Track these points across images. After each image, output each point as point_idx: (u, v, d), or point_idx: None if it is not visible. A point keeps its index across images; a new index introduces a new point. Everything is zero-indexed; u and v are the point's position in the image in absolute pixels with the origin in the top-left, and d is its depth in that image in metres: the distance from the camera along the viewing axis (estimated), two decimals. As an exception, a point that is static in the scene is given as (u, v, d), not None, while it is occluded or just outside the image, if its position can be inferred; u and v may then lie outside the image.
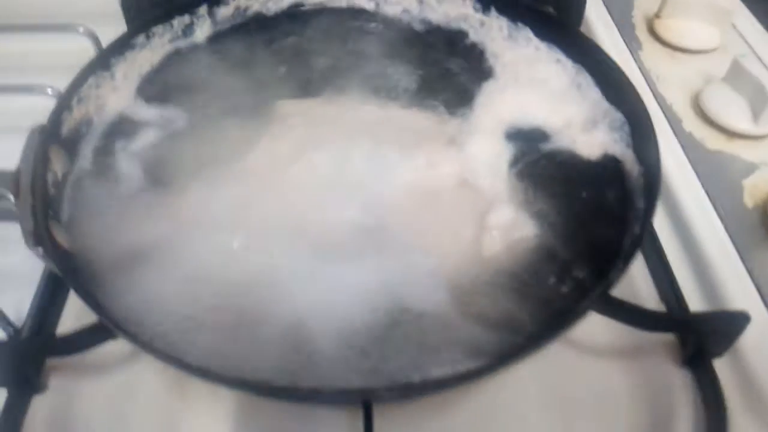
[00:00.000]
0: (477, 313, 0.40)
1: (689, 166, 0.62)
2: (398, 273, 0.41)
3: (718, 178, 0.62)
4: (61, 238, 0.40)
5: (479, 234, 0.43)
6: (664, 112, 0.68)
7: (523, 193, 0.46)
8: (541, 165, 0.48)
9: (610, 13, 0.80)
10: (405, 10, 0.61)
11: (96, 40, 0.64)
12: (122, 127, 0.50)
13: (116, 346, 0.40)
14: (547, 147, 0.49)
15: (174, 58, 0.55)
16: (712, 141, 0.65)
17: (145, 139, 0.49)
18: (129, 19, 0.66)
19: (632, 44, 0.76)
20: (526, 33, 0.57)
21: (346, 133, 0.50)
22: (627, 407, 0.44)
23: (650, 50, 0.76)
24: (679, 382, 0.47)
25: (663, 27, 0.76)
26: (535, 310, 0.41)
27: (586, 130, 0.50)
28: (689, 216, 0.58)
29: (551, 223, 0.44)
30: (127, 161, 0.47)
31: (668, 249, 0.55)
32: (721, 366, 0.47)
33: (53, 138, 0.45)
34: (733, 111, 0.66)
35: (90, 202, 0.45)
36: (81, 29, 0.66)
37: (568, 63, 0.54)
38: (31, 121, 0.44)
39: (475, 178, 0.46)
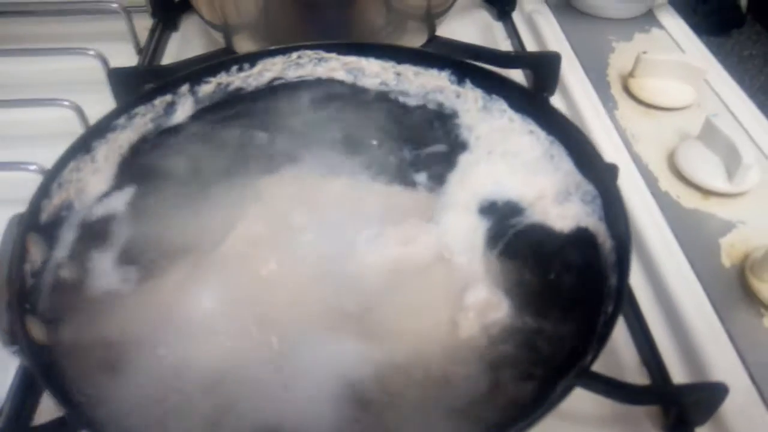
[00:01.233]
0: (454, 399, 0.40)
1: (666, 226, 0.63)
2: (373, 360, 0.41)
3: (695, 238, 0.63)
4: (37, 332, 0.41)
5: (456, 314, 0.43)
6: (640, 172, 0.69)
7: (498, 270, 0.46)
8: (515, 240, 0.49)
9: (585, 73, 0.82)
10: (383, 83, 0.62)
11: (80, 112, 0.66)
12: (100, 214, 0.51)
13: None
14: (520, 221, 0.50)
15: (154, 137, 0.56)
16: (688, 199, 0.66)
17: (122, 226, 0.50)
18: (116, 94, 0.67)
19: (608, 103, 0.78)
20: (501, 104, 0.58)
21: (323, 211, 0.51)
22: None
23: (626, 109, 0.77)
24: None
25: (637, 86, 0.78)
26: (516, 392, 0.41)
27: (559, 202, 0.50)
28: (667, 276, 0.58)
29: (526, 301, 0.44)
30: (104, 250, 0.48)
31: (647, 311, 0.55)
32: (703, 434, 0.47)
33: (32, 226, 0.46)
34: (708, 169, 0.67)
35: (67, 294, 0.45)
36: (66, 102, 0.68)
37: (542, 134, 0.55)
38: (12, 197, 0.45)
39: (451, 254, 0.47)
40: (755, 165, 0.65)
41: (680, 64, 0.76)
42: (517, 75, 0.78)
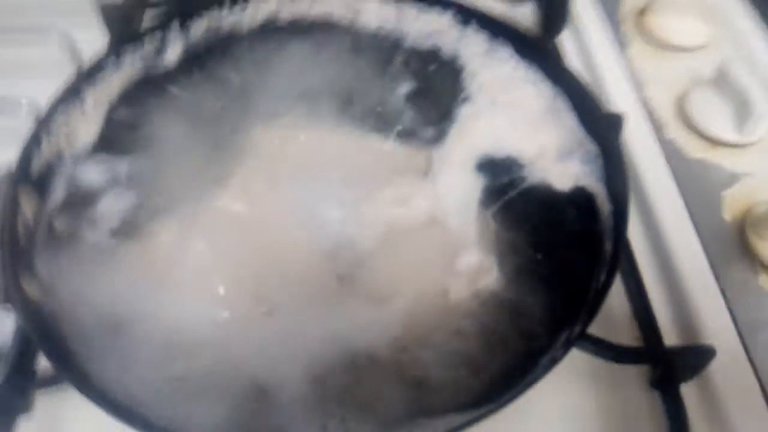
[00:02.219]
0: (451, 362, 0.40)
1: (669, 176, 0.62)
2: (364, 320, 0.41)
3: (698, 189, 0.62)
4: (33, 290, 0.41)
5: (447, 279, 0.43)
6: (647, 117, 0.67)
7: (492, 233, 0.46)
8: (511, 201, 0.48)
9: (598, 7, 0.78)
10: (382, 22, 0.59)
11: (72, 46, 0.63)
12: (92, 165, 0.50)
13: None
14: (519, 179, 0.49)
15: (143, 83, 0.54)
16: (695, 149, 0.65)
17: (111, 178, 0.49)
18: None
19: (620, 41, 0.74)
20: (506, 49, 0.55)
21: (317, 167, 0.50)
22: (597, 426, 0.46)
23: (638, 47, 0.74)
24: (648, 404, 0.49)
25: (651, 22, 0.75)
26: (509, 356, 0.41)
27: (559, 160, 0.49)
28: (666, 229, 0.58)
29: (519, 266, 0.44)
30: (94, 203, 0.47)
31: (643, 264, 0.55)
32: (687, 390, 0.48)
33: (23, 180, 0.45)
34: (717, 118, 0.65)
35: (60, 249, 0.45)
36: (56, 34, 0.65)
37: (547, 85, 0.53)
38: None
39: (445, 216, 0.46)
40: (765, 114, 0.63)
41: (696, 1, 0.72)
42: (527, 10, 0.74)
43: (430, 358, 0.40)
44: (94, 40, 0.60)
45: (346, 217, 0.46)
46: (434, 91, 0.55)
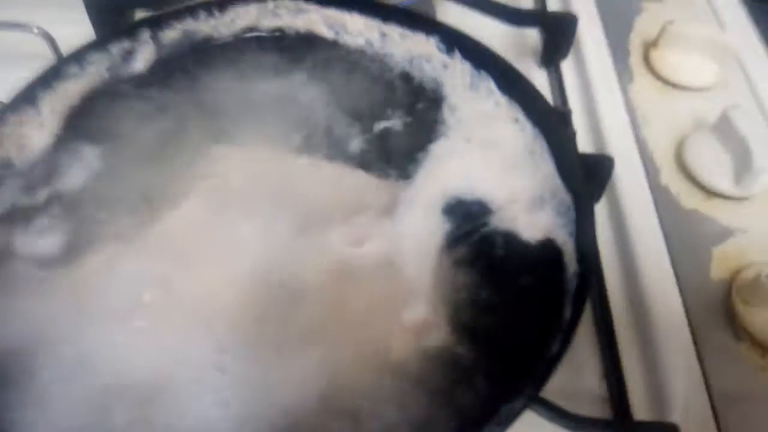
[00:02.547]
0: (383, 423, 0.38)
1: (657, 226, 0.58)
2: (290, 376, 0.39)
3: (688, 242, 0.58)
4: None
5: (391, 333, 0.40)
6: (642, 160, 0.63)
7: (447, 283, 0.43)
8: (474, 249, 0.45)
9: (606, 37, 0.74)
10: (367, 43, 0.56)
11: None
12: (38, 174, 0.47)
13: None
14: (485, 226, 0.46)
15: (107, 89, 0.52)
16: (689, 198, 0.61)
17: (59, 191, 0.47)
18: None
19: (624, 75, 0.71)
20: (488, 83, 0.52)
21: (275, 194, 0.47)
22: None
23: (642, 83, 0.71)
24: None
25: (659, 58, 0.71)
26: (453, 421, 0.38)
27: (531, 209, 0.46)
28: (648, 284, 0.55)
29: (473, 322, 0.41)
30: (34, 216, 0.45)
31: (620, 323, 0.52)
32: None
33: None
34: (715, 167, 0.61)
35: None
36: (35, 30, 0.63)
37: (527, 124, 0.50)
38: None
39: (401, 260, 0.43)
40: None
41: (708, 39, 0.69)
42: (533, 33, 0.71)
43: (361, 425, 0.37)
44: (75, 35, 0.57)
45: (295, 252, 0.43)
46: (411, 123, 0.52)
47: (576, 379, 0.51)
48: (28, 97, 0.49)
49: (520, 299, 0.42)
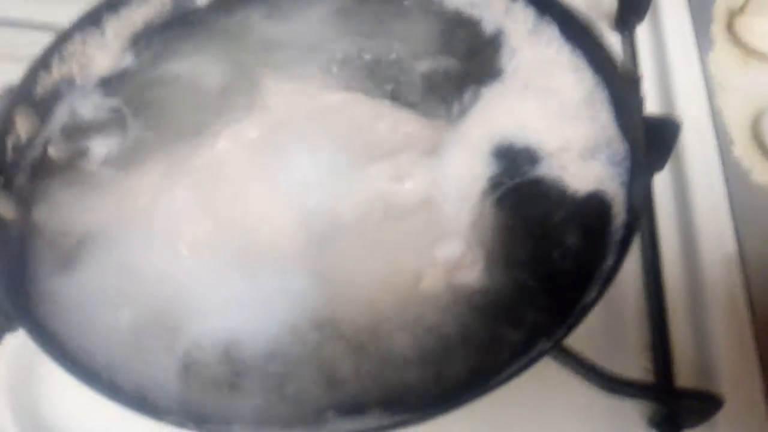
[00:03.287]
0: (403, 353, 0.37)
1: (725, 200, 0.55)
2: (327, 294, 0.39)
3: (756, 218, 0.54)
4: (4, 207, 0.41)
5: (423, 267, 0.39)
6: (715, 130, 0.59)
7: (487, 226, 0.41)
8: (517, 194, 0.43)
9: (689, 2, 0.70)
10: (428, -13, 0.55)
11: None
12: (100, 97, 0.49)
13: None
14: (531, 174, 0.44)
15: (169, 18, 0.53)
16: (762, 173, 0.57)
17: (121, 111, 0.48)
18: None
19: (704, 42, 0.67)
20: (551, 30, 0.50)
21: (323, 127, 0.47)
22: None
23: (722, 51, 0.66)
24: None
25: (744, 25, 0.66)
26: (475, 359, 0.38)
27: (583, 158, 0.44)
28: (707, 257, 0.52)
29: (507, 265, 0.40)
30: (95, 134, 0.46)
31: (673, 291, 0.49)
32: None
33: (23, 99, 0.45)
34: (795, 142, 0.57)
35: (46, 175, 0.44)
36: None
37: (588, 74, 0.48)
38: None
39: (441, 199, 0.42)
40: None
41: (801, 7, 0.63)
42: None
43: (389, 347, 0.37)
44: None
45: (335, 183, 0.43)
46: (466, 65, 0.50)
47: (621, 347, 0.48)
48: (94, 19, 0.50)
49: (561, 247, 0.41)
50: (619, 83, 0.45)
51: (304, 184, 0.43)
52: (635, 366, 0.47)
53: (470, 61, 0.50)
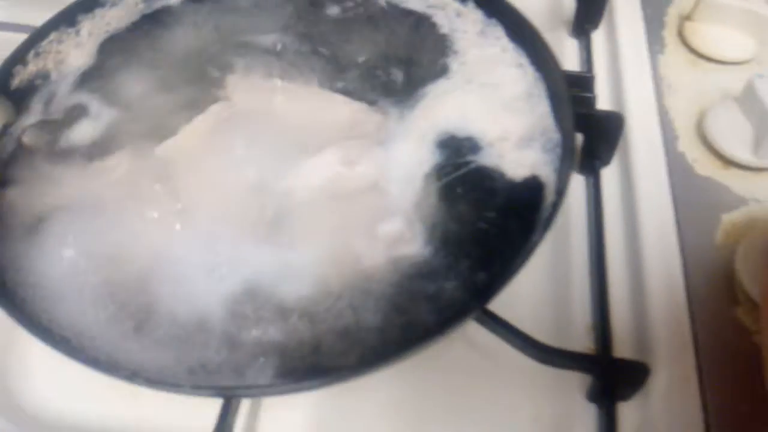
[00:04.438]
0: (344, 322, 0.40)
1: (668, 190, 0.57)
2: (275, 268, 0.42)
3: (697, 207, 0.57)
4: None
5: (366, 242, 0.42)
6: (662, 127, 0.62)
7: (427, 207, 0.45)
8: (457, 181, 0.46)
9: (642, 7, 0.73)
10: (387, -10, 0.59)
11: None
12: (73, 89, 0.52)
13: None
14: (473, 160, 0.47)
15: (142, 18, 0.56)
16: (705, 166, 0.60)
17: (92, 105, 0.51)
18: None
19: (655, 45, 0.70)
20: (498, 31, 0.54)
21: (280, 117, 0.50)
22: None
23: (672, 54, 0.70)
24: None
25: (692, 30, 0.70)
26: (407, 323, 0.40)
27: (519, 146, 0.47)
28: (648, 241, 0.54)
29: (444, 240, 0.43)
30: (67, 125, 0.50)
31: (615, 270, 0.52)
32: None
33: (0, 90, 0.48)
34: (736, 136, 0.60)
35: (20, 161, 0.48)
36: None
37: (530, 69, 0.51)
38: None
39: (386, 183, 0.45)
40: (789, 139, 0.57)
41: (745, 12, 0.67)
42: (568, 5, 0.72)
43: (333, 314, 0.40)
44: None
45: (290, 168, 0.46)
46: (415, 64, 0.53)
47: (568, 325, 0.51)
48: (68, 18, 0.53)
49: (495, 225, 0.44)
50: (555, 78, 0.48)
51: (261, 169, 0.46)
52: (580, 344, 0.50)
53: (420, 60, 0.54)
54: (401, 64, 0.53)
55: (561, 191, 0.41)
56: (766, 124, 0.57)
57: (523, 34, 0.53)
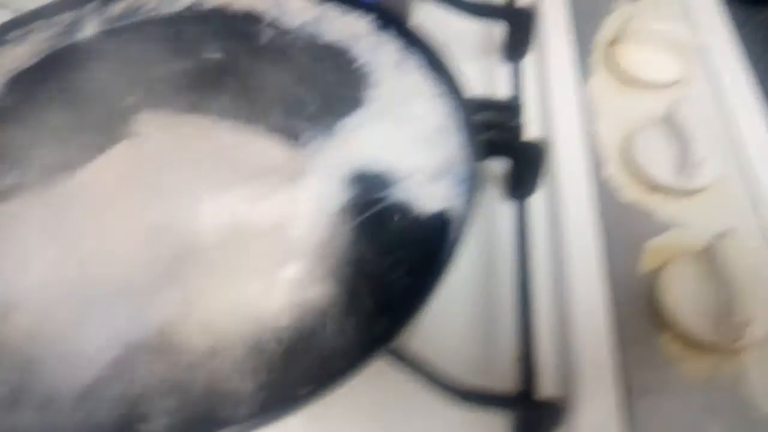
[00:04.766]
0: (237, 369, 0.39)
1: (591, 216, 0.57)
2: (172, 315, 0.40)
3: (622, 234, 0.57)
4: None
5: (267, 286, 0.41)
6: (587, 153, 0.62)
7: (333, 247, 0.43)
8: (367, 218, 0.45)
9: (571, 34, 0.74)
10: (304, 23, 0.58)
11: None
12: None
13: None
14: (384, 197, 0.46)
15: (50, 57, 0.55)
16: (630, 191, 0.60)
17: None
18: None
19: (584, 70, 0.70)
20: (413, 64, 0.53)
21: (190, 153, 0.48)
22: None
23: (600, 79, 0.70)
24: None
25: (619, 55, 0.70)
26: (311, 368, 0.39)
27: (432, 180, 0.46)
28: (573, 270, 0.54)
29: (345, 283, 0.42)
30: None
31: (540, 302, 0.51)
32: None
33: None
34: (659, 160, 0.60)
35: None
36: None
37: (445, 101, 0.50)
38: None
39: (292, 221, 0.44)
40: (710, 161, 0.57)
41: (668, 36, 0.68)
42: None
43: (231, 366, 0.38)
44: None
45: (194, 208, 0.45)
46: (330, 97, 0.52)
47: (494, 363, 0.50)
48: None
49: (402, 262, 0.42)
50: (468, 108, 0.48)
51: (164, 210, 0.45)
52: (505, 379, 0.48)
53: (337, 92, 0.53)
54: (317, 98, 0.52)
55: (462, 224, 0.40)
56: (688, 147, 0.58)
57: (441, 64, 0.52)
